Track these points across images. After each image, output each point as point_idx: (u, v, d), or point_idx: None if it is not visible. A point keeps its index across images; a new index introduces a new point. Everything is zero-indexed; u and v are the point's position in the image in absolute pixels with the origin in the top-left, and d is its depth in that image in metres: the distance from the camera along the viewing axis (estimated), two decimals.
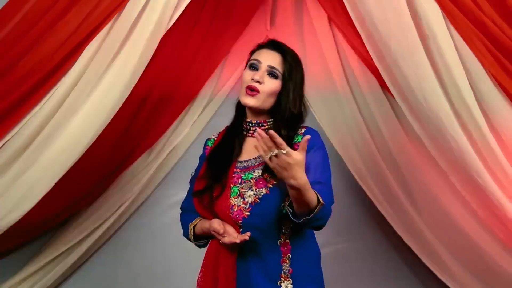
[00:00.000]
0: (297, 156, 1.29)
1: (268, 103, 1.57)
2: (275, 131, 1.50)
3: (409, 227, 2.27)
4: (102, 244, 2.48)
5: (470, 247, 2.06)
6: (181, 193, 1.72)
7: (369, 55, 1.83)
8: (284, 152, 1.27)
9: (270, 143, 1.28)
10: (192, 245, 1.68)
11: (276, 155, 1.28)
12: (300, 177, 1.30)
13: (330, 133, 2.35)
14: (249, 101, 1.55)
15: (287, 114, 1.56)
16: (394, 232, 2.32)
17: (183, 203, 1.73)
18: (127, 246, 2.51)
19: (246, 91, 1.55)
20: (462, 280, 2.16)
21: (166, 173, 2.52)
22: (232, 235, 1.46)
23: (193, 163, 1.75)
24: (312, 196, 1.35)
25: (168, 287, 2.45)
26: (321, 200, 1.37)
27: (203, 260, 1.59)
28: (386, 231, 2.41)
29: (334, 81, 2.37)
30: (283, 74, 1.57)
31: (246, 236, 1.42)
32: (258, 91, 1.54)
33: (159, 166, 2.46)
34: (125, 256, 2.51)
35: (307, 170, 1.44)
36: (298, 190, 1.32)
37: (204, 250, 1.64)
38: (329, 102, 2.41)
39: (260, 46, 1.65)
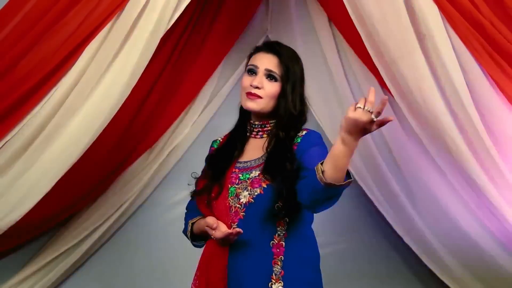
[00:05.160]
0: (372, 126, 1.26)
1: (270, 105, 1.59)
2: (276, 132, 1.52)
3: (409, 227, 2.27)
4: (102, 244, 2.48)
5: (470, 247, 2.05)
6: (181, 193, 1.73)
7: (369, 55, 1.83)
8: (374, 118, 1.23)
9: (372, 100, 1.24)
10: (192, 245, 1.69)
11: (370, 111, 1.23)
12: (357, 140, 1.28)
13: (330, 133, 2.35)
14: (250, 105, 1.58)
15: (287, 116, 1.57)
16: (394, 232, 2.32)
17: (188, 202, 1.74)
18: (127, 246, 2.51)
19: (247, 96, 1.58)
20: (462, 280, 2.16)
21: (166, 173, 2.52)
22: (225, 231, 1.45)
23: (193, 163, 1.75)
24: (347, 166, 1.32)
25: (168, 287, 2.46)
26: (351, 175, 1.35)
27: (198, 263, 1.59)
28: (386, 231, 2.40)
29: (334, 81, 2.37)
30: (281, 76, 1.57)
31: (240, 230, 1.43)
32: (259, 97, 1.56)
33: (159, 166, 2.46)
34: (125, 256, 2.50)
35: (301, 159, 1.47)
36: (348, 151, 1.28)
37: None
38: (329, 102, 2.41)
39: (256, 49, 1.66)
